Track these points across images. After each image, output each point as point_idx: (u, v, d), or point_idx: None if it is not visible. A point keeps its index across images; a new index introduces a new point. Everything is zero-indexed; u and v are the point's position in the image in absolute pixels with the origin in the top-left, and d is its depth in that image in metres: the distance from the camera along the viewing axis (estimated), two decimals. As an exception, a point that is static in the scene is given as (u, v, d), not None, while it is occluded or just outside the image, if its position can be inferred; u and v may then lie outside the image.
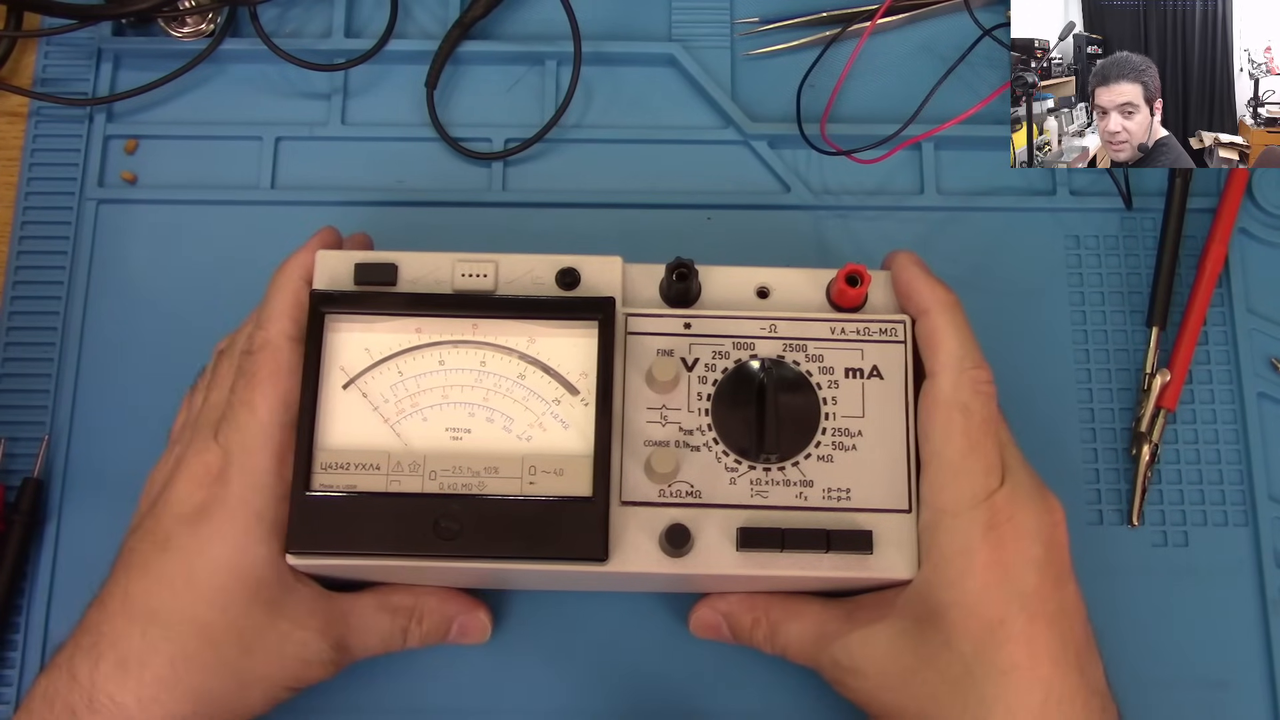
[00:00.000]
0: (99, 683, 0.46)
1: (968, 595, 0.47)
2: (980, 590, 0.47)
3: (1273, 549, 0.58)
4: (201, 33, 0.64)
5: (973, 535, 0.47)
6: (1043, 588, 0.47)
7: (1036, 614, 0.46)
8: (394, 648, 0.53)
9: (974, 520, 0.47)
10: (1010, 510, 0.48)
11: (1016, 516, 0.48)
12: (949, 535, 0.48)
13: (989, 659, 0.46)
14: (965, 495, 0.48)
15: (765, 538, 0.48)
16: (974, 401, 0.49)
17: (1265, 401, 0.60)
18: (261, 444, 0.48)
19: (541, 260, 0.51)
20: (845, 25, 0.65)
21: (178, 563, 0.47)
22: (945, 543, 0.48)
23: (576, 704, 0.56)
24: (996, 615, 0.46)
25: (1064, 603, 0.48)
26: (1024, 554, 0.47)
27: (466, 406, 0.49)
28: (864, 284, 0.50)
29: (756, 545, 0.48)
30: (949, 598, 0.47)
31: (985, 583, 0.47)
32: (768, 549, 0.49)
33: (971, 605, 0.47)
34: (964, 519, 0.48)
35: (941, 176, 0.64)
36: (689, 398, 0.50)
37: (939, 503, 0.49)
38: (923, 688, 0.47)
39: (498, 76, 0.65)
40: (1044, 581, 0.47)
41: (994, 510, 0.47)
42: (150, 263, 0.62)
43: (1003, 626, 0.46)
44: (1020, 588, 0.47)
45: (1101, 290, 0.62)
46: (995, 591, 0.47)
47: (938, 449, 0.49)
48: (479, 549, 0.48)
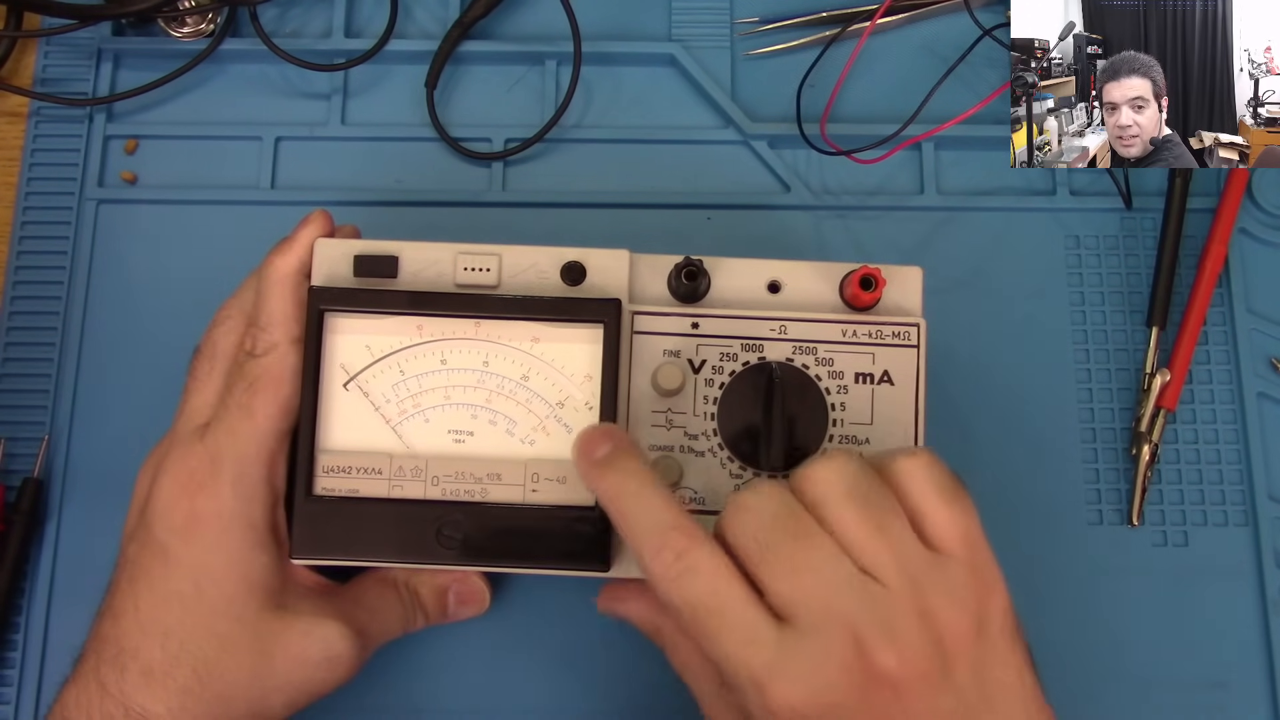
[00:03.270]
0: (129, 692, 0.46)
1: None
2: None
3: (1273, 549, 0.58)
4: (201, 33, 0.64)
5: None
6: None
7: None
8: (412, 626, 0.52)
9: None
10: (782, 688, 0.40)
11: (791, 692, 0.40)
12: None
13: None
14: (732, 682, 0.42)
15: None
16: (671, 593, 0.42)
17: (1265, 401, 0.60)
18: (256, 452, 0.48)
19: (546, 253, 0.50)
20: (845, 25, 0.65)
21: (182, 576, 0.47)
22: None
23: (576, 704, 0.56)
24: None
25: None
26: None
27: (469, 408, 0.49)
28: (878, 287, 0.49)
29: None
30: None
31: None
32: None
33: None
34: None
35: (941, 176, 0.64)
36: (695, 401, 0.50)
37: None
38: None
39: (498, 76, 0.65)
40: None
41: (765, 695, 0.40)
42: (150, 263, 0.62)
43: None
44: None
45: (1101, 290, 0.62)
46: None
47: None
48: (480, 556, 0.48)
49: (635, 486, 0.44)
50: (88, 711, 0.46)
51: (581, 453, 0.46)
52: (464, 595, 0.54)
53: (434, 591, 0.53)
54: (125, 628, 0.47)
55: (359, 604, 0.51)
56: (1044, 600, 0.57)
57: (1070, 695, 0.56)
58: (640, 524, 0.43)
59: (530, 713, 0.56)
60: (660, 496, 0.44)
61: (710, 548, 0.42)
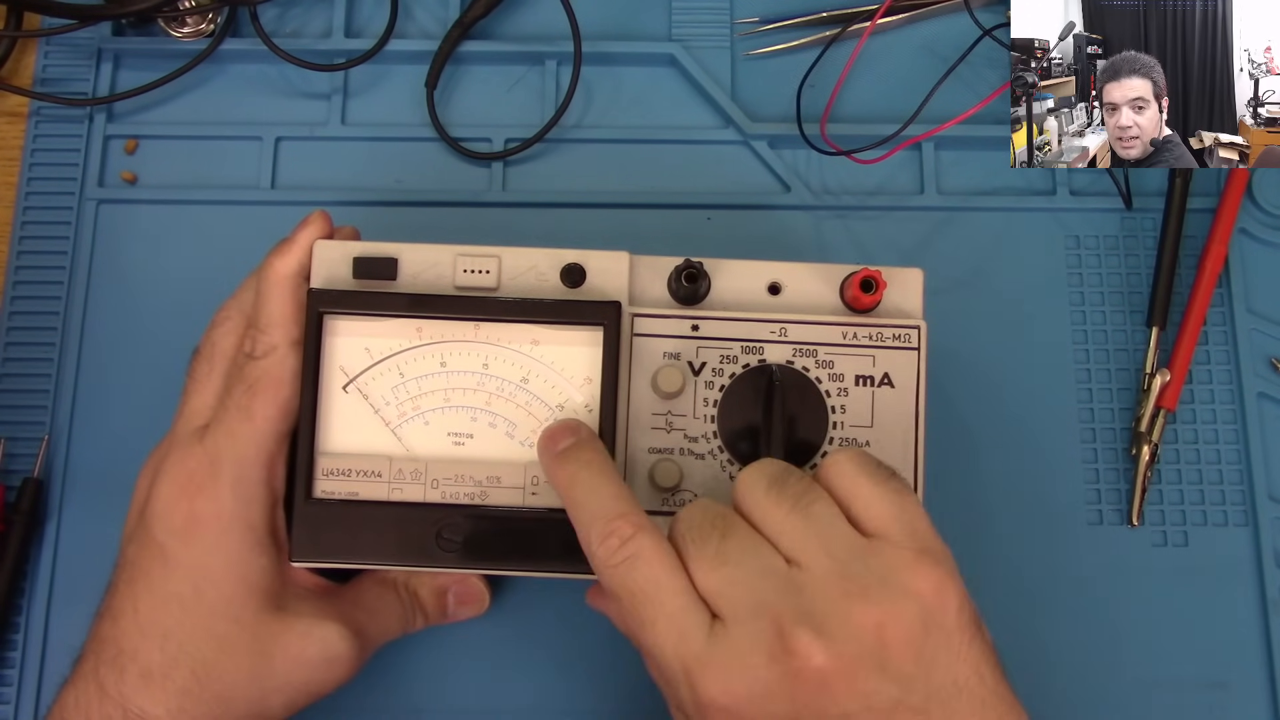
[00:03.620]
0: (127, 694, 0.46)
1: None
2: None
3: (1273, 549, 0.58)
4: (201, 33, 0.64)
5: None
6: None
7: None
8: (411, 627, 0.53)
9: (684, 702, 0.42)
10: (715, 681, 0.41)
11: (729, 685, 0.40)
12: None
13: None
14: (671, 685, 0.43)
15: None
16: (613, 579, 0.43)
17: (1265, 401, 0.60)
18: (255, 454, 0.48)
19: (546, 255, 0.50)
20: (845, 25, 0.65)
21: (181, 578, 0.47)
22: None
23: (576, 704, 0.56)
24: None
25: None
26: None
27: (469, 410, 0.49)
28: (879, 290, 0.49)
29: None
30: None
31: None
32: None
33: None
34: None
35: (941, 176, 0.64)
36: (695, 404, 0.50)
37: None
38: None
39: (498, 76, 0.65)
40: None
41: (694, 688, 0.41)
42: (150, 263, 0.62)
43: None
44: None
45: (1101, 290, 0.62)
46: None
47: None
48: (480, 559, 0.49)
49: (588, 476, 0.45)
50: (86, 713, 0.46)
51: (544, 446, 0.47)
52: (463, 596, 0.54)
53: (433, 592, 0.53)
54: (124, 629, 0.47)
55: (358, 604, 0.51)
56: (1044, 600, 0.57)
57: (1070, 695, 0.56)
58: (589, 511, 0.44)
59: (530, 713, 0.56)
60: (612, 486, 0.44)
61: (655, 539, 0.43)
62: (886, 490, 0.43)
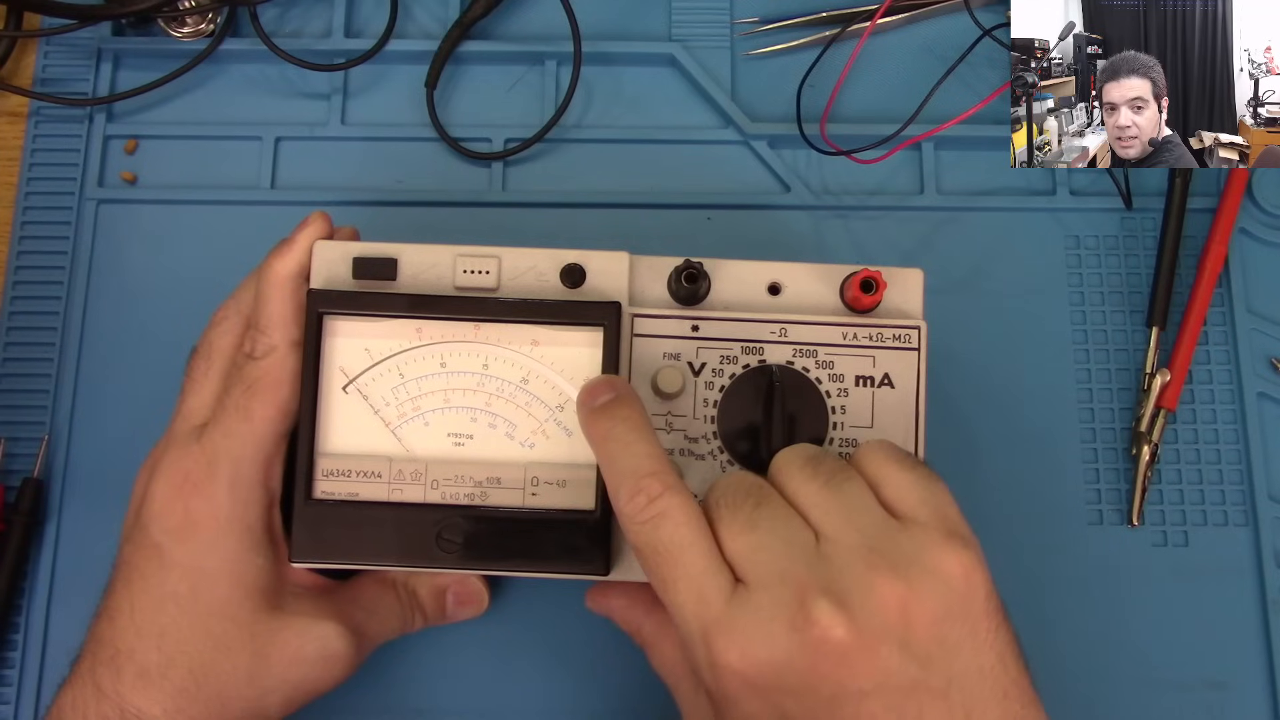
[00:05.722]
0: (124, 694, 0.46)
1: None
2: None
3: (1273, 549, 0.58)
4: (201, 33, 0.64)
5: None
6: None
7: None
8: (410, 627, 0.53)
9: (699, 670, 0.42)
10: (735, 641, 0.40)
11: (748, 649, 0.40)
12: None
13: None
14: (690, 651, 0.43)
15: None
16: (639, 536, 0.43)
17: (1265, 401, 0.60)
18: (252, 454, 0.48)
19: (546, 255, 0.50)
20: (845, 25, 0.65)
21: (177, 578, 0.47)
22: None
23: (575, 704, 0.56)
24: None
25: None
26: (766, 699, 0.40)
27: (469, 411, 0.49)
28: (879, 290, 0.49)
29: None
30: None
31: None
32: None
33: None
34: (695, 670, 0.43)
35: (941, 176, 0.64)
36: (695, 404, 0.50)
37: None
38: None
39: (498, 76, 0.65)
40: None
41: (711, 650, 0.41)
42: (150, 263, 0.62)
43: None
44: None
45: (1101, 290, 0.62)
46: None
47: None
48: (480, 560, 0.49)
49: (623, 432, 0.45)
50: (84, 713, 0.46)
51: (582, 400, 0.47)
52: (462, 596, 0.54)
53: (432, 592, 0.53)
54: (121, 629, 0.47)
55: (356, 603, 0.51)
56: (1044, 600, 0.57)
57: (1070, 695, 0.56)
58: (621, 467, 0.44)
59: (529, 713, 0.56)
60: (646, 445, 0.44)
61: (684, 499, 0.43)
62: (918, 476, 0.43)
